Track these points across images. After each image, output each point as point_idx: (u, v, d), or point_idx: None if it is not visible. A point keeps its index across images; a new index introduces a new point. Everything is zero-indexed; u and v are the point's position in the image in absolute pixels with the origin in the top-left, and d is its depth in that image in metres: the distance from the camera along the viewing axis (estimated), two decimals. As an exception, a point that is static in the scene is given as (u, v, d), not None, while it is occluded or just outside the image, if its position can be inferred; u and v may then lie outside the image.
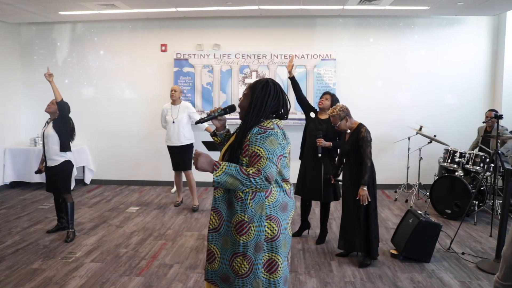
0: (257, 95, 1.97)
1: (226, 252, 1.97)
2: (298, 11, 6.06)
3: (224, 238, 1.98)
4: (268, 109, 1.98)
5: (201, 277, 3.43)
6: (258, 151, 1.85)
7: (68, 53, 6.82)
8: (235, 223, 1.92)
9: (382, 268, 3.59)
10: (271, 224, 1.93)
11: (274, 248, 1.95)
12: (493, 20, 6.27)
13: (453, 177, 4.99)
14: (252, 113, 1.96)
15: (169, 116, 5.27)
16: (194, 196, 5.41)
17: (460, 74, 6.38)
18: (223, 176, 1.78)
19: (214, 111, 2.17)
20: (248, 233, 1.90)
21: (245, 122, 1.97)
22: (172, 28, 6.59)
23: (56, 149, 4.19)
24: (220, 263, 1.99)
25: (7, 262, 3.68)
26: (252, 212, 1.91)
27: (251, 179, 1.78)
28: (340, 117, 3.56)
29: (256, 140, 1.88)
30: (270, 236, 1.93)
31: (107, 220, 4.96)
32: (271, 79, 2.05)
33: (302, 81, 6.34)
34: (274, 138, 1.88)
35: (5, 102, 6.60)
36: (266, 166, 1.81)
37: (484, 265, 3.61)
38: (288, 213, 2.02)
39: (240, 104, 2.06)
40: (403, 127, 6.14)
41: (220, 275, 2.00)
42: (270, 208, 1.94)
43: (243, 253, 1.91)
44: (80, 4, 5.55)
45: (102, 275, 3.45)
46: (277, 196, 1.96)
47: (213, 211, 2.00)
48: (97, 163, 6.94)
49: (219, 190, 1.98)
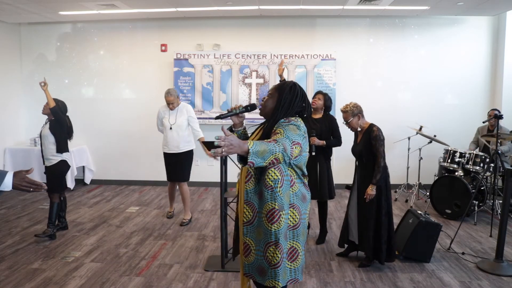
0: (285, 96, 2.09)
1: (260, 243, 2.05)
2: (298, 11, 6.06)
3: (258, 230, 2.06)
4: (294, 109, 2.11)
5: (201, 277, 3.43)
6: (279, 130, 1.97)
7: (68, 53, 6.82)
8: (266, 212, 2.00)
9: (382, 268, 3.59)
10: (294, 212, 2.04)
11: (295, 236, 2.06)
12: (493, 20, 6.27)
13: (453, 177, 4.99)
14: (280, 112, 2.08)
15: (166, 120, 4.73)
16: (186, 208, 4.89)
17: (460, 74, 6.38)
18: (255, 146, 1.77)
19: (235, 108, 2.25)
20: (279, 221, 1.98)
21: (272, 117, 2.08)
22: (172, 28, 6.59)
23: (52, 149, 4.25)
24: (255, 255, 2.07)
25: (7, 262, 3.68)
26: (282, 200, 2.00)
27: (273, 143, 1.84)
28: (353, 114, 3.51)
29: (279, 126, 2.02)
30: (292, 224, 2.04)
31: (107, 220, 4.95)
32: (296, 82, 2.18)
33: (302, 81, 6.35)
34: (296, 127, 1.99)
35: (5, 102, 6.60)
36: (281, 138, 1.89)
37: (484, 265, 3.61)
38: (306, 204, 2.12)
39: (265, 103, 2.16)
40: (403, 127, 6.14)
41: (256, 267, 2.08)
42: (293, 197, 2.04)
43: (275, 241, 1.99)
44: (80, 4, 5.55)
45: (102, 275, 3.45)
46: (299, 187, 2.07)
47: (246, 204, 2.08)
48: (97, 163, 6.94)
49: (250, 182, 2.06)
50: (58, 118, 4.26)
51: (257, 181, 2.05)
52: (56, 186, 4.29)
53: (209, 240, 4.30)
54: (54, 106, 4.21)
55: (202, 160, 6.61)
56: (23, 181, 1.78)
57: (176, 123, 4.70)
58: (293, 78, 6.36)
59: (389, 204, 3.56)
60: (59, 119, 4.27)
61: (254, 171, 2.05)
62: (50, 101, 4.21)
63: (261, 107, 2.20)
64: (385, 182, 3.54)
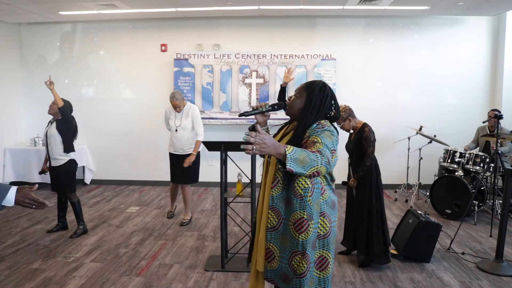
0: (316, 96, 2.02)
1: (285, 251, 1.98)
2: (298, 11, 6.06)
3: (283, 237, 2.00)
4: (324, 111, 2.03)
5: (201, 277, 3.43)
6: (315, 139, 1.88)
7: (68, 53, 6.82)
8: (294, 221, 1.93)
9: (382, 268, 3.59)
10: (324, 221, 1.98)
11: (325, 245, 2.00)
12: (493, 20, 6.27)
13: (453, 177, 4.99)
14: (311, 113, 2.00)
15: (171, 122, 4.72)
16: (187, 209, 4.88)
17: (460, 74, 6.38)
18: (294, 152, 1.68)
19: (261, 106, 2.17)
20: (307, 231, 1.92)
21: (303, 120, 2.00)
22: (172, 28, 6.59)
23: (60, 149, 4.24)
24: (279, 262, 2.01)
25: (7, 262, 3.68)
26: (312, 209, 1.93)
27: (317, 154, 1.75)
28: (343, 119, 3.62)
29: (314, 133, 1.93)
30: (322, 233, 1.98)
31: (107, 220, 4.95)
32: (325, 82, 2.11)
33: (302, 81, 6.33)
34: (330, 133, 1.93)
35: (5, 102, 6.60)
36: (322, 148, 1.80)
37: (484, 265, 3.61)
38: (336, 211, 2.07)
39: (292, 103, 2.08)
40: (403, 127, 6.14)
41: (279, 274, 2.03)
42: (324, 205, 1.99)
43: (302, 251, 1.93)
44: (80, 4, 5.55)
45: (102, 275, 3.45)
46: (329, 194, 2.02)
47: (271, 210, 2.01)
48: (97, 163, 6.94)
49: (277, 188, 1.99)
50: (66, 117, 4.24)
51: (284, 187, 1.98)
52: (68, 186, 4.33)
53: (209, 240, 4.30)
54: (62, 105, 4.17)
55: (202, 160, 6.54)
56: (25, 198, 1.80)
57: (181, 125, 4.67)
58: (293, 78, 6.36)
59: (382, 204, 3.61)
60: (67, 118, 4.25)
61: (281, 176, 1.97)
62: (58, 101, 4.16)
63: (287, 107, 2.11)
64: (376, 181, 3.59)
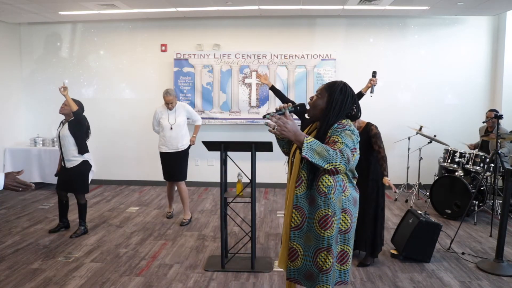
0: (337, 97, 2.07)
1: (309, 248, 2.06)
2: (298, 11, 6.06)
3: (307, 235, 2.06)
4: (346, 111, 2.08)
5: (201, 277, 3.43)
6: (336, 138, 1.94)
7: (68, 53, 6.82)
8: (319, 218, 2.01)
9: (382, 268, 3.59)
10: (346, 217, 2.05)
11: (346, 239, 2.08)
12: (493, 20, 6.27)
13: (453, 177, 4.99)
14: (332, 113, 2.05)
15: (164, 121, 4.76)
16: (186, 208, 4.90)
17: (460, 74, 6.38)
18: (313, 143, 1.78)
19: (285, 107, 2.16)
20: (331, 227, 2.00)
21: (325, 120, 2.05)
22: (172, 28, 6.59)
23: (73, 150, 4.26)
24: (303, 260, 2.08)
25: (7, 262, 3.68)
26: (335, 206, 2.01)
27: (336, 151, 1.83)
28: None
29: (335, 132, 1.99)
30: (344, 229, 2.06)
31: (107, 220, 4.95)
32: (346, 82, 2.14)
33: (302, 81, 6.35)
34: (351, 133, 1.98)
35: (5, 102, 6.60)
36: (343, 148, 1.88)
37: (484, 265, 3.60)
38: (357, 207, 2.13)
39: (314, 103, 2.13)
40: (403, 127, 6.14)
41: (303, 272, 2.09)
42: (346, 202, 2.05)
43: (327, 247, 2.00)
44: (80, 4, 5.55)
45: (102, 275, 3.45)
46: (350, 191, 2.08)
47: (295, 209, 2.07)
48: (97, 163, 6.92)
49: (301, 187, 2.05)
50: (80, 120, 4.29)
51: (308, 186, 2.04)
52: (81, 186, 4.35)
53: (209, 240, 4.30)
54: (77, 109, 4.23)
55: (202, 160, 6.61)
56: (13, 181, 1.91)
57: (176, 122, 4.76)
58: (293, 78, 6.37)
59: (384, 200, 3.68)
60: (80, 121, 4.30)
61: (305, 176, 2.04)
62: (72, 106, 4.21)
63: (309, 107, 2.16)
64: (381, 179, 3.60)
